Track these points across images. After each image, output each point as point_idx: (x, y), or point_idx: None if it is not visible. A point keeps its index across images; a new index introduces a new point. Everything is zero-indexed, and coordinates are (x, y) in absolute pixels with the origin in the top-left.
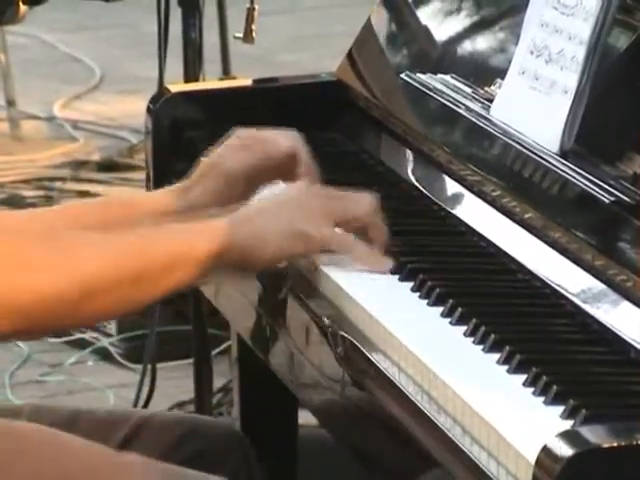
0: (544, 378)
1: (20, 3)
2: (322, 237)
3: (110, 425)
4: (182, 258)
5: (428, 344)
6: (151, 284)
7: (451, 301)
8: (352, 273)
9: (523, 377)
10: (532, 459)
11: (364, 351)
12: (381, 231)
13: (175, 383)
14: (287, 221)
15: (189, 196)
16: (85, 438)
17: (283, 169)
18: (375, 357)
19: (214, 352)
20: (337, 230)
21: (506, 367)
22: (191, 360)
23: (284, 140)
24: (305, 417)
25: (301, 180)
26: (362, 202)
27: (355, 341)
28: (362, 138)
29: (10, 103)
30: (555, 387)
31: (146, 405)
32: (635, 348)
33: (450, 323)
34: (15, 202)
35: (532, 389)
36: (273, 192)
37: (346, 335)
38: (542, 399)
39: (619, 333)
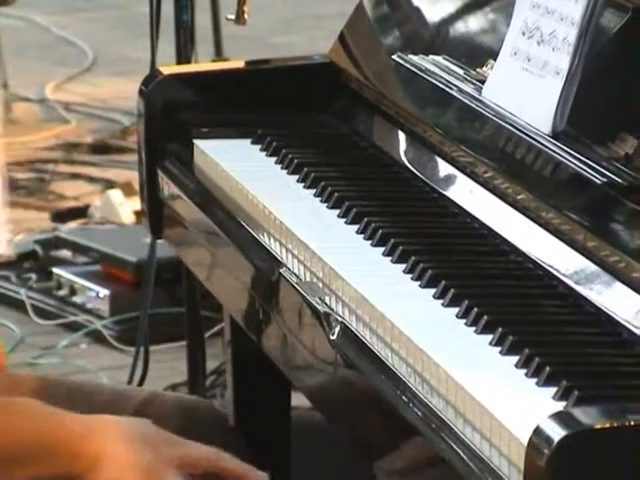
0: (537, 359)
1: None
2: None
3: (113, 404)
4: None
5: (420, 326)
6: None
7: (444, 283)
8: (345, 256)
9: (516, 358)
10: (525, 440)
11: (356, 333)
12: (233, 462)
13: (168, 365)
14: (141, 453)
15: None
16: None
17: None
18: (368, 339)
19: (207, 334)
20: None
21: (499, 348)
22: (184, 342)
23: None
24: (298, 399)
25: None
26: (201, 447)
27: (348, 323)
28: (355, 120)
29: (3, 85)
30: (548, 368)
31: (142, 381)
32: (628, 329)
33: (442, 305)
34: (9, 184)
35: (525, 370)
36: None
37: (339, 317)
38: (535, 380)
39: (612, 314)
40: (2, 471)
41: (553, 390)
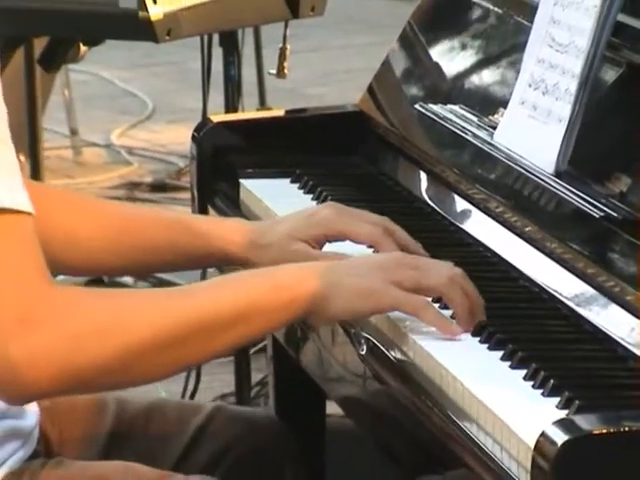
0: (542, 373)
1: (81, 44)
2: (393, 298)
3: (183, 417)
4: (254, 310)
5: (439, 343)
6: (206, 343)
7: None
8: None
9: (524, 372)
10: (531, 444)
11: (383, 349)
12: (456, 301)
13: (218, 378)
14: (365, 279)
15: (261, 243)
16: (162, 428)
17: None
18: (392, 355)
19: (252, 350)
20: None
21: (509, 363)
22: (232, 357)
23: (366, 231)
24: (332, 408)
25: (388, 249)
26: (437, 274)
27: (375, 340)
28: (381, 162)
29: (73, 132)
30: (552, 381)
31: (192, 397)
32: (622, 346)
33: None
34: None
35: (532, 382)
36: (361, 255)
37: (367, 336)
38: (540, 391)
39: (609, 333)
40: (206, 340)
41: (556, 400)
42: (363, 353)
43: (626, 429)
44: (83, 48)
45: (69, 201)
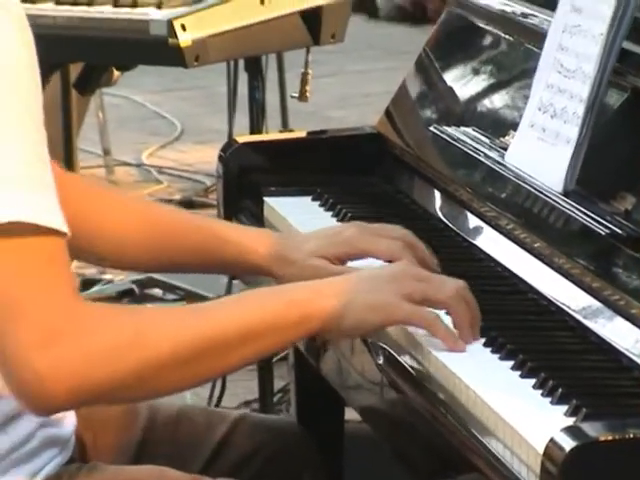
0: (551, 382)
1: (114, 69)
2: (405, 312)
3: (210, 424)
4: (268, 327)
5: (453, 355)
6: (221, 359)
7: None
8: None
9: (533, 381)
10: (540, 450)
11: (399, 359)
12: (461, 314)
13: (242, 385)
14: (377, 294)
15: (285, 257)
16: (190, 434)
17: None
18: (408, 364)
19: (274, 359)
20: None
21: (519, 372)
22: (255, 366)
23: (385, 247)
24: (350, 414)
25: (399, 261)
26: (445, 288)
27: (391, 350)
28: (398, 181)
29: (106, 152)
30: (560, 389)
31: (218, 403)
32: (627, 357)
33: None
34: None
35: (540, 391)
36: (371, 267)
37: (384, 346)
38: (549, 399)
39: (614, 344)
40: (221, 355)
41: (564, 408)
42: (380, 362)
43: (631, 436)
44: (116, 73)
45: (105, 194)
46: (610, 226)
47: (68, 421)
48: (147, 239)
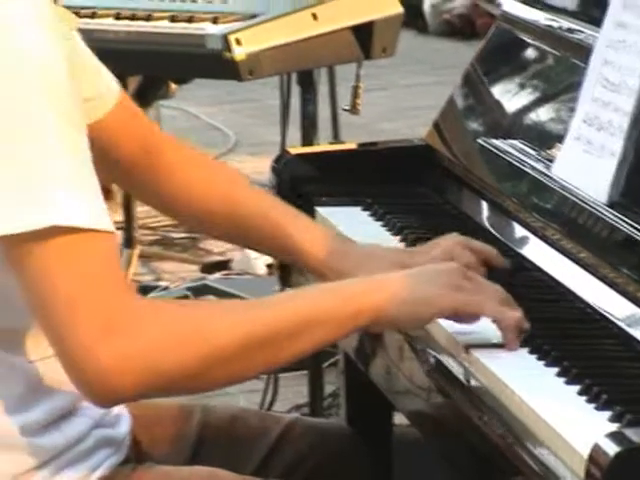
0: (595, 388)
1: (171, 82)
2: (454, 300)
3: (264, 427)
4: (323, 320)
5: (499, 360)
6: (281, 349)
7: None
8: None
9: (578, 387)
10: (585, 454)
11: (446, 365)
12: (505, 324)
13: (293, 390)
14: (426, 286)
15: (336, 266)
16: (244, 436)
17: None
18: (455, 370)
19: (325, 364)
20: None
21: (564, 379)
22: (306, 371)
23: (440, 250)
24: (398, 418)
25: (464, 260)
26: (490, 292)
27: (439, 357)
28: (446, 192)
29: None
30: (604, 396)
31: (270, 407)
32: None
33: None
34: (165, 242)
35: (585, 397)
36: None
37: (432, 352)
38: (593, 405)
39: None
40: (279, 346)
41: (608, 414)
42: (428, 369)
43: None
44: (173, 86)
45: (206, 164)
46: None
47: (123, 422)
48: (227, 217)
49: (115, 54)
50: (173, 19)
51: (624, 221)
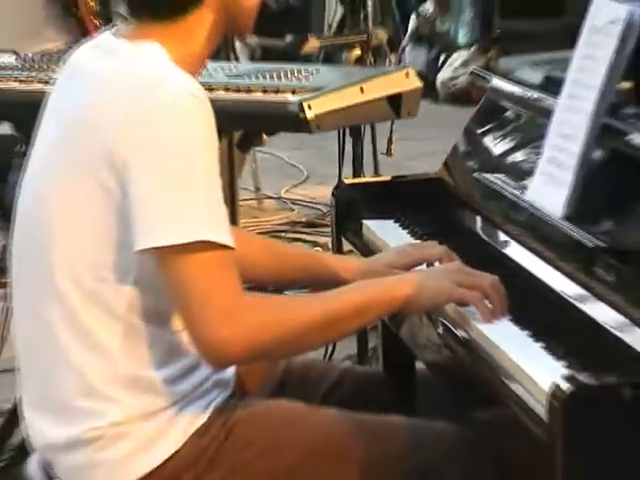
0: (554, 343)
1: (264, 134)
2: (460, 293)
3: (326, 372)
4: (371, 306)
5: (491, 327)
6: (343, 326)
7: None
8: None
9: (543, 344)
10: (547, 390)
11: (453, 329)
12: (494, 298)
13: (346, 345)
14: (440, 281)
15: (369, 268)
16: (314, 378)
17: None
18: (459, 334)
19: (369, 327)
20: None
21: (532, 338)
22: (356, 333)
23: (437, 252)
24: (419, 365)
25: (449, 263)
26: (483, 279)
27: (448, 323)
28: (453, 210)
29: (257, 189)
30: (561, 348)
31: (331, 356)
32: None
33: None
34: None
35: (548, 351)
36: (433, 267)
37: (443, 320)
38: (554, 356)
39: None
40: (342, 324)
41: (566, 363)
42: (440, 332)
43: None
44: (265, 137)
45: (252, 239)
46: (595, 241)
47: (231, 367)
48: (270, 263)
49: (225, 115)
50: (265, 91)
51: (573, 230)
